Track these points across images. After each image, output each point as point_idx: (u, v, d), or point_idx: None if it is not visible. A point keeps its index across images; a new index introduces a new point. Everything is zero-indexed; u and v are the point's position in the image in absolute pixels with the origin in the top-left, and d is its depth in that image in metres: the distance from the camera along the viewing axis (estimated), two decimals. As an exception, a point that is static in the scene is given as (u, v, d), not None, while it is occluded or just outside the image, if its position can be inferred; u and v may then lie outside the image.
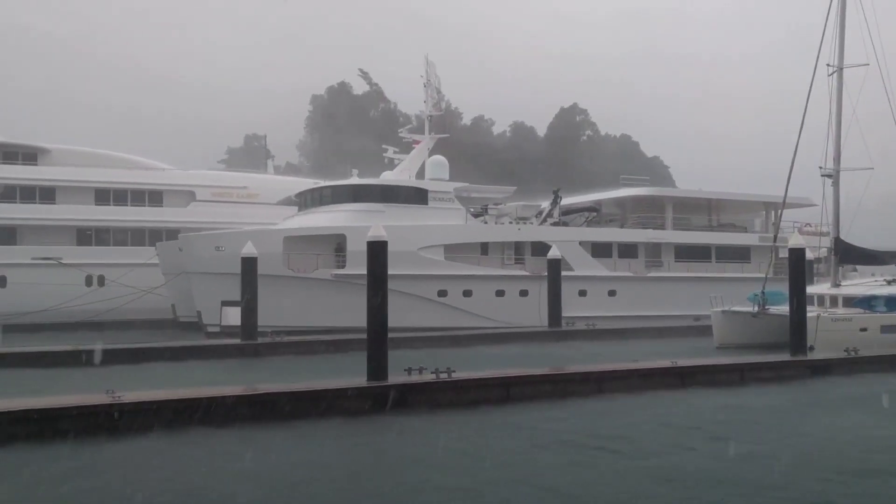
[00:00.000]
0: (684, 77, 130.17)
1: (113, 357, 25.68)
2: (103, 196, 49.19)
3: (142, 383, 18.94)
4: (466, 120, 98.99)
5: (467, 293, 37.17)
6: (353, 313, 25.31)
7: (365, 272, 19.55)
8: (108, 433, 14.79)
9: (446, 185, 39.35)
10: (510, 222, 40.93)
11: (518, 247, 39.95)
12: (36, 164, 49.14)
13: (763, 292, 29.71)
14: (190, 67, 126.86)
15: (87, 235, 48.45)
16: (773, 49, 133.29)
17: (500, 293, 37.86)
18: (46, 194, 47.99)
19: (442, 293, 36.77)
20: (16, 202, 47.06)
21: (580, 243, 40.12)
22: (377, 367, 18.28)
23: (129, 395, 15.77)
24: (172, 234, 42.83)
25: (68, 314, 39.08)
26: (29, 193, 47.57)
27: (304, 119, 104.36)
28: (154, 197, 50.36)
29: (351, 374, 18.87)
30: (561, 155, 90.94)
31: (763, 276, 31.88)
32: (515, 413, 17.36)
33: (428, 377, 18.33)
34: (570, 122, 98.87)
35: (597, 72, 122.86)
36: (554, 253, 35.65)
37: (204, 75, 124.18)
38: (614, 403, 18.61)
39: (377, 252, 19.06)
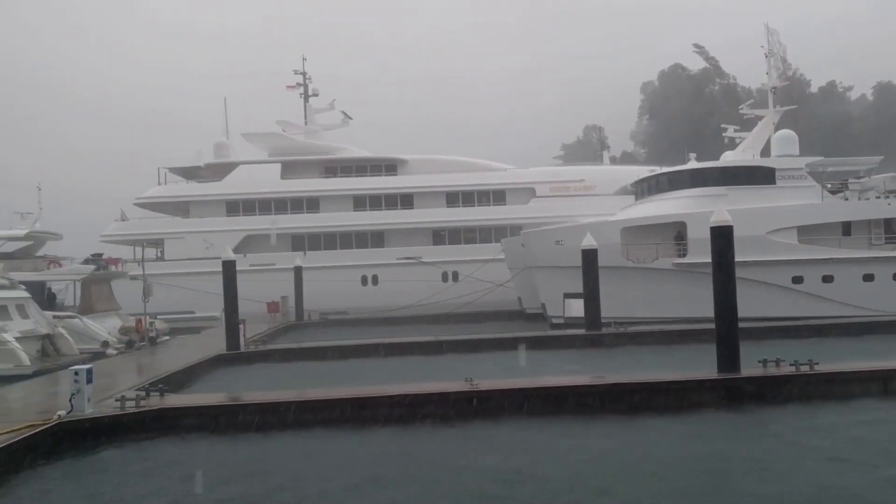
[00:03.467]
0: None
1: (468, 347, 27.71)
2: (453, 198, 53.77)
3: (494, 371, 20.10)
4: (814, 88, 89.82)
5: (827, 279, 33.65)
6: (696, 303, 24.40)
7: (708, 260, 18.84)
8: (464, 418, 15.86)
9: (796, 160, 36.01)
10: (877, 197, 36.20)
11: (889, 224, 35.24)
12: (396, 175, 55.15)
13: None
14: (533, 70, 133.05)
15: (441, 235, 53.23)
16: None
17: (867, 277, 33.68)
18: (406, 200, 53.67)
19: (797, 280, 33.75)
20: (381, 209, 53.36)
21: (970, 216, 34.25)
22: (729, 358, 17.40)
23: (485, 383, 16.79)
24: (516, 230, 45.04)
25: (429, 308, 43.05)
26: (392, 200, 53.65)
27: (637, 107, 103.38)
28: (498, 196, 53.74)
29: (699, 366, 18.13)
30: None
31: None
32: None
33: (787, 369, 16.92)
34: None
35: None
36: (936, 229, 30.88)
37: (546, 76, 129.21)
38: None
39: (722, 238, 18.22)
